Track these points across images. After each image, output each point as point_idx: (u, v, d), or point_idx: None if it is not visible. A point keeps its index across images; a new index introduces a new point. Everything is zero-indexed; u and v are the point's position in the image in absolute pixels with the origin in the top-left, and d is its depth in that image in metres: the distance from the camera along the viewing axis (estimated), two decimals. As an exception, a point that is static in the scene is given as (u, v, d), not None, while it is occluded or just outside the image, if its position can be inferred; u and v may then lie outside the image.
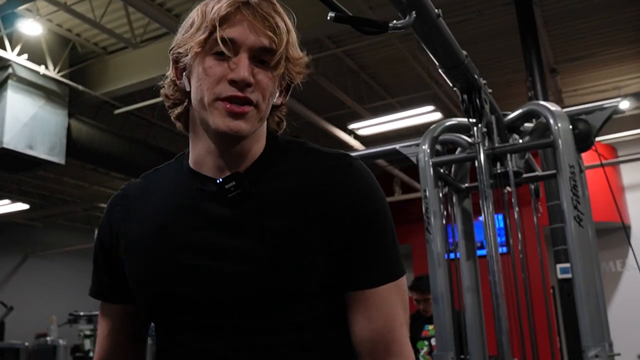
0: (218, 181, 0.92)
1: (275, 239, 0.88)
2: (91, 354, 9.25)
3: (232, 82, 0.87)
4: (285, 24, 0.91)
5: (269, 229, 0.89)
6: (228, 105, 0.87)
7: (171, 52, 0.98)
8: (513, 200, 3.22)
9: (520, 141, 3.10)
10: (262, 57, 0.89)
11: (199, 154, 0.95)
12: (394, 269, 0.93)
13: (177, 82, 0.97)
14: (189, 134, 0.98)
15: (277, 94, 0.96)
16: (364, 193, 0.93)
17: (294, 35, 0.94)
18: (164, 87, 1.00)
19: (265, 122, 0.97)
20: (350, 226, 0.91)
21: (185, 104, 0.97)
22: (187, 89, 0.94)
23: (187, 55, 0.92)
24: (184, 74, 0.95)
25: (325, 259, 0.89)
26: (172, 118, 1.00)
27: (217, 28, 0.87)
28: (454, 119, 3.24)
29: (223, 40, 0.87)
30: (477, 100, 2.66)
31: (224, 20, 0.88)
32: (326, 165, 0.94)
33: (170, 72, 0.99)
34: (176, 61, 0.97)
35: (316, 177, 0.92)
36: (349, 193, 0.91)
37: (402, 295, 0.94)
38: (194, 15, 0.92)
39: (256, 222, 0.90)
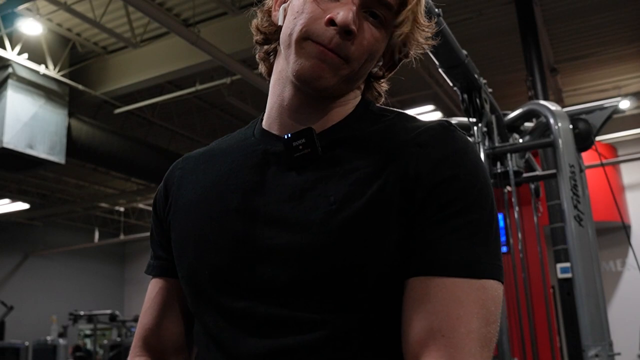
0: (285, 137, 0.77)
1: (341, 203, 0.71)
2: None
3: (331, 23, 0.73)
4: None
5: (334, 193, 0.72)
6: (320, 47, 0.73)
7: None
8: (513, 199, 3.22)
9: (521, 141, 3.10)
10: (376, 10, 0.76)
11: (273, 108, 0.82)
12: (478, 263, 0.69)
13: (273, 12, 0.84)
14: (270, 82, 0.85)
15: (380, 63, 0.83)
16: (462, 161, 0.72)
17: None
18: (257, 17, 0.87)
19: (359, 92, 0.84)
20: (435, 194, 0.70)
21: (273, 46, 0.85)
22: (280, 23, 0.81)
23: None
24: (282, 6, 0.82)
25: (399, 234, 0.70)
26: (257, 58, 0.88)
27: None
28: (454, 118, 3.25)
29: None
30: (477, 100, 2.66)
31: None
32: (419, 130, 0.75)
33: (268, 1, 0.86)
34: None
35: (406, 143, 0.74)
36: (440, 157, 0.72)
37: (483, 301, 0.68)
38: None
39: (322, 187, 0.74)
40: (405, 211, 0.70)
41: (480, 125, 2.74)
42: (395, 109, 0.84)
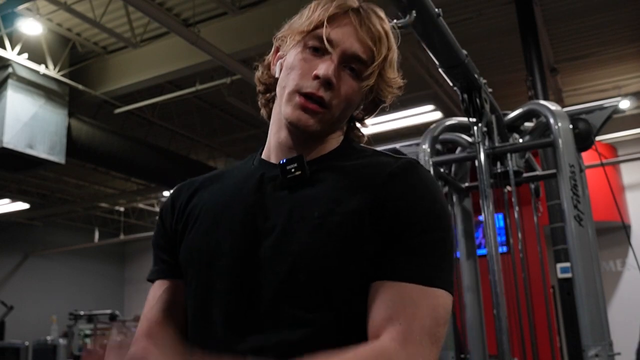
0: (281, 162, 0.92)
1: (323, 217, 0.86)
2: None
3: (315, 77, 0.89)
4: (389, 41, 0.93)
5: (318, 208, 0.87)
6: (303, 100, 0.90)
7: (276, 38, 1.00)
8: (513, 199, 3.22)
9: (521, 140, 3.10)
10: (352, 65, 0.91)
11: (272, 144, 0.98)
12: (433, 275, 0.84)
13: (272, 67, 1.00)
14: (270, 123, 1.01)
15: (361, 107, 0.98)
16: (424, 196, 0.88)
17: (394, 55, 0.95)
18: (258, 70, 1.03)
19: (342, 133, 0.99)
20: (403, 225, 0.85)
21: (272, 94, 1.00)
22: (276, 76, 0.98)
23: (287, 42, 0.95)
24: (279, 61, 0.98)
25: (373, 248, 0.84)
26: (259, 103, 1.04)
27: (321, 24, 0.90)
28: (454, 118, 3.25)
29: (321, 36, 0.90)
30: (477, 100, 2.66)
31: (330, 19, 0.90)
32: (390, 166, 0.90)
33: (269, 57, 1.02)
34: (277, 48, 1.00)
35: (380, 173, 0.89)
36: (411, 188, 0.87)
37: (434, 306, 0.82)
38: (306, 9, 0.95)
39: (309, 204, 0.88)
40: (374, 228, 0.85)
41: (480, 125, 2.74)
42: (372, 148, 1.00)
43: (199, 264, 0.93)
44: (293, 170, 0.91)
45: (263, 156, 1.00)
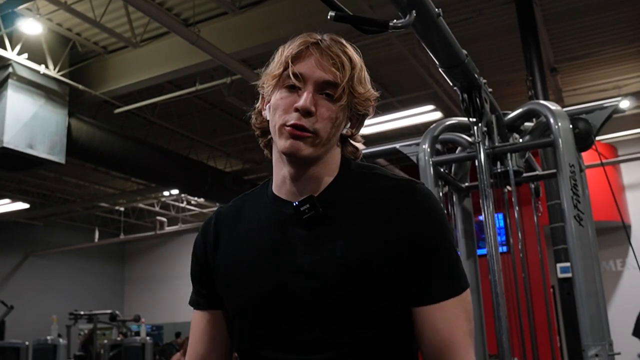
0: (295, 204, 1.04)
1: (344, 257, 0.99)
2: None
3: (296, 110, 1.00)
4: (352, 62, 1.04)
5: (339, 247, 1.00)
6: (291, 129, 1.00)
7: (258, 86, 1.11)
8: (513, 199, 3.22)
9: (521, 140, 3.10)
10: (326, 90, 1.02)
11: (278, 179, 1.09)
12: (457, 284, 1.02)
13: (263, 112, 1.11)
14: (272, 160, 1.11)
15: (347, 125, 1.08)
16: (431, 215, 1.02)
17: (360, 73, 1.05)
18: (253, 117, 1.14)
19: (339, 151, 1.10)
20: (417, 246, 1.00)
21: (270, 137, 1.10)
22: (267, 119, 1.08)
23: (266, 88, 1.07)
24: (268, 105, 1.08)
25: (391, 276, 1.00)
26: (261, 146, 1.15)
27: (290, 64, 1.01)
28: (454, 118, 3.25)
29: (293, 74, 1.01)
30: (478, 100, 2.66)
31: (296, 57, 1.02)
32: (394, 191, 1.04)
33: (258, 105, 1.13)
34: (263, 95, 1.11)
35: (384, 202, 1.03)
36: (416, 216, 1.01)
37: (465, 306, 1.02)
38: (276, 53, 1.07)
39: (328, 241, 1.01)
40: (394, 259, 0.99)
41: (480, 125, 2.74)
42: (366, 164, 1.12)
43: (246, 305, 1.06)
44: (306, 210, 1.03)
45: (274, 190, 1.10)
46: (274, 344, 1.03)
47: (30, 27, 6.02)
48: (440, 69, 2.48)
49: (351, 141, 1.12)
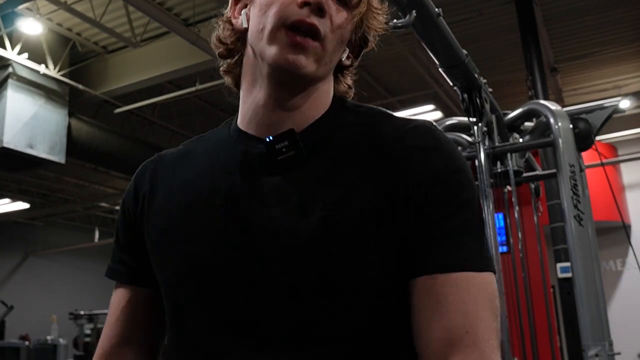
0: (267, 139, 0.77)
1: (333, 213, 0.71)
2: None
3: (304, 4, 0.74)
4: None
5: (325, 200, 0.72)
6: (292, 36, 0.74)
7: None
8: (513, 199, 3.22)
9: (521, 140, 3.10)
10: None
11: (250, 108, 0.81)
12: (479, 257, 0.71)
13: (234, 20, 0.84)
14: (240, 89, 0.85)
15: (347, 52, 0.84)
16: (448, 163, 0.74)
17: None
18: (217, 29, 0.86)
19: (331, 84, 0.84)
20: (432, 191, 0.72)
21: (237, 57, 0.85)
22: (244, 26, 0.82)
23: None
24: (243, 11, 0.83)
25: (392, 243, 0.71)
26: (221, 71, 0.88)
27: None
28: (454, 118, 3.25)
29: None
30: (478, 100, 2.66)
31: None
32: (403, 130, 0.77)
33: (227, 11, 0.86)
34: None
35: (389, 142, 0.76)
36: (431, 156, 0.74)
37: (490, 295, 0.70)
38: None
39: (310, 191, 0.74)
40: (398, 216, 0.71)
41: (480, 124, 2.74)
42: (370, 105, 0.85)
43: (189, 274, 0.77)
44: (284, 149, 0.76)
45: (239, 124, 0.83)
46: (224, 329, 0.73)
47: (30, 27, 6.02)
48: (440, 69, 2.48)
49: (346, 75, 0.88)
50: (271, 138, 0.77)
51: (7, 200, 11.11)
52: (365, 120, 0.80)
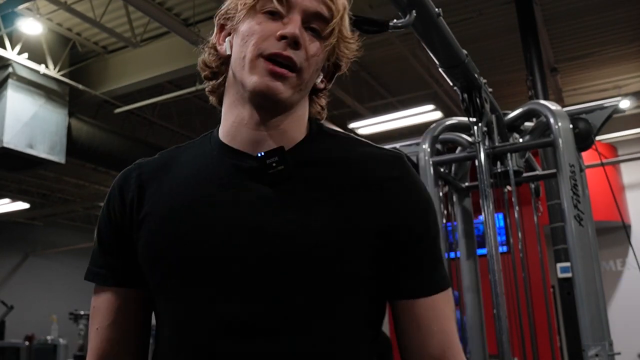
0: (259, 155, 0.84)
1: (320, 222, 0.80)
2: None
3: (282, 38, 0.82)
4: None
5: (314, 211, 0.81)
6: (270, 65, 0.82)
7: (217, 17, 0.93)
8: (513, 199, 3.22)
9: (521, 140, 3.10)
10: (313, 25, 0.85)
11: (232, 125, 0.88)
12: (445, 277, 0.90)
13: (218, 46, 0.92)
14: (222, 107, 0.92)
15: (321, 77, 0.92)
16: (424, 194, 0.89)
17: (346, 13, 0.90)
18: (203, 54, 0.95)
19: (307, 106, 0.92)
20: (410, 225, 0.85)
21: (221, 79, 0.93)
22: (228, 53, 0.90)
23: (234, 16, 0.88)
24: (227, 39, 0.91)
25: (375, 257, 0.82)
26: (206, 91, 0.96)
27: None
28: (454, 118, 3.24)
29: None
30: (478, 100, 2.66)
31: None
32: (383, 160, 0.88)
33: (212, 38, 0.94)
34: (222, 26, 0.92)
35: (371, 170, 0.86)
36: (410, 191, 0.86)
37: (452, 305, 0.90)
38: None
39: (301, 203, 0.82)
40: (380, 237, 0.83)
41: (480, 124, 2.74)
42: (343, 131, 0.96)
43: (186, 274, 0.82)
44: (274, 164, 0.83)
45: (222, 138, 0.89)
46: (215, 329, 0.79)
47: (30, 27, 6.02)
48: (440, 69, 2.48)
49: (320, 97, 0.95)
50: (262, 154, 0.85)
51: (7, 200, 11.11)
52: (343, 145, 0.90)
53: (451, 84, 2.63)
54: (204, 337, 0.80)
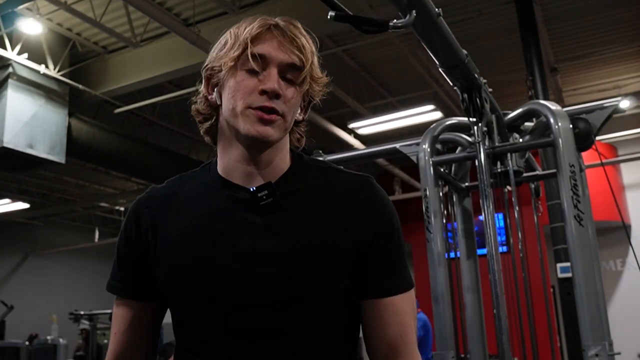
0: (251, 189, 1.00)
1: (305, 245, 0.97)
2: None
3: (263, 92, 0.97)
4: (310, 46, 1.02)
5: (299, 236, 0.98)
6: (259, 113, 0.97)
7: (204, 69, 1.06)
8: (513, 199, 3.22)
9: (521, 140, 3.10)
10: (288, 74, 0.99)
11: (229, 162, 1.04)
12: (408, 280, 1.06)
13: (209, 97, 1.06)
14: (217, 146, 1.07)
15: (299, 111, 1.06)
16: (387, 212, 1.05)
17: (315, 58, 1.03)
18: (195, 103, 1.09)
19: (288, 137, 1.06)
20: (375, 240, 1.01)
21: (213, 120, 1.07)
22: (218, 103, 1.04)
23: (220, 71, 1.01)
24: (215, 89, 1.04)
25: (351, 267, 1.00)
26: (201, 132, 1.10)
27: (249, 45, 0.97)
28: (454, 118, 3.25)
29: (254, 56, 0.97)
30: (478, 100, 2.66)
31: (255, 38, 0.98)
32: (353, 185, 1.05)
33: (202, 89, 1.07)
34: (209, 78, 1.05)
35: (344, 195, 1.03)
36: (375, 211, 1.03)
37: (412, 304, 1.06)
38: (227, 36, 1.02)
39: (287, 229, 0.99)
40: (354, 250, 0.99)
41: (480, 124, 2.74)
42: (320, 160, 1.12)
43: (197, 292, 0.99)
44: (264, 197, 0.99)
45: (221, 173, 1.05)
46: (226, 333, 0.97)
47: (30, 27, 6.02)
48: (440, 69, 2.48)
49: (299, 126, 1.10)
50: (254, 188, 1.00)
51: (7, 200, 11.11)
52: (322, 173, 1.07)
53: (451, 84, 2.63)
54: (217, 339, 0.97)
